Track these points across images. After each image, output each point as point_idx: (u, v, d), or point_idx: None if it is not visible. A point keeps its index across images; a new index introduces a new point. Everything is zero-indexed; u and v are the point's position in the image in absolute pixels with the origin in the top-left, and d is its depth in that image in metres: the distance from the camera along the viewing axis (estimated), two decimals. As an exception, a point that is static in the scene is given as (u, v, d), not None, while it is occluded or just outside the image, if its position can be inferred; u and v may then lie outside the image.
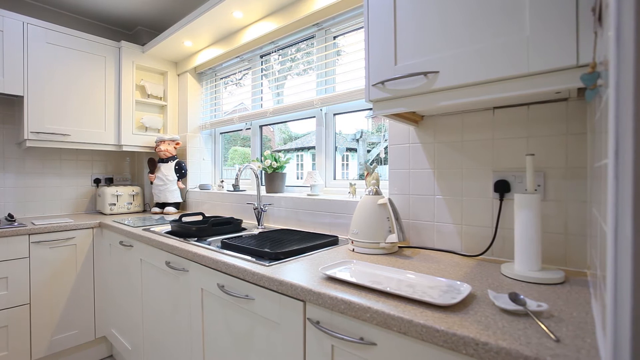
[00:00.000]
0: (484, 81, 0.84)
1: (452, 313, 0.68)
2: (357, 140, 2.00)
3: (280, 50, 2.13)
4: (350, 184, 1.60)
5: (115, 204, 2.47)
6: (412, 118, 1.26)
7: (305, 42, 2.00)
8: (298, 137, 2.77)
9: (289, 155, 2.17)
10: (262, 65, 2.25)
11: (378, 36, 1.05)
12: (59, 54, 2.22)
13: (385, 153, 1.77)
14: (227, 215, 2.18)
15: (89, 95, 2.35)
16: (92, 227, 2.14)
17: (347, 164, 2.02)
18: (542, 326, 0.61)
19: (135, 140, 2.51)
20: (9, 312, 1.83)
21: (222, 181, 2.45)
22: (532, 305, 0.69)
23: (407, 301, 0.75)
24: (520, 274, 0.89)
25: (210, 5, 1.88)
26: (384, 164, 1.75)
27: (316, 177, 1.75)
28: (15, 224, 1.97)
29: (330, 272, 0.92)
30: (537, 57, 0.76)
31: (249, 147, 2.38)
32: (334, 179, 1.87)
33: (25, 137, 2.09)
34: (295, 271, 1.00)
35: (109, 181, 2.73)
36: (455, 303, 0.70)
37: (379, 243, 1.18)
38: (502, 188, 1.10)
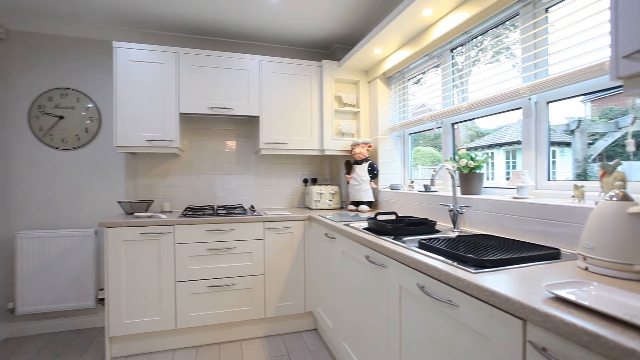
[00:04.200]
0: None
1: None
2: (572, 132, 1.60)
3: (468, 43, 1.97)
4: (576, 186, 1.29)
5: (319, 201, 2.91)
6: (692, 94, 0.89)
7: (496, 27, 1.77)
8: (487, 133, 2.46)
9: (483, 153, 1.96)
10: (452, 59, 2.13)
11: (632, -8, 0.80)
12: (280, 79, 2.80)
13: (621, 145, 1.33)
14: (417, 215, 2.18)
15: (299, 109, 2.86)
16: (304, 220, 2.58)
17: (553, 162, 1.65)
18: None
19: (334, 145, 2.88)
20: (252, 278, 2.45)
21: (412, 181, 2.46)
22: None
23: (701, 353, 0.53)
24: None
25: (399, 10, 1.93)
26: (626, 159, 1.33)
27: (524, 177, 1.50)
28: (255, 213, 2.62)
29: (561, 292, 0.77)
30: None
31: (432, 146, 2.30)
32: (548, 179, 1.56)
33: (260, 147, 2.75)
34: (508, 283, 0.89)
35: (314, 181, 3.24)
36: None
37: (632, 265, 0.89)
38: None
